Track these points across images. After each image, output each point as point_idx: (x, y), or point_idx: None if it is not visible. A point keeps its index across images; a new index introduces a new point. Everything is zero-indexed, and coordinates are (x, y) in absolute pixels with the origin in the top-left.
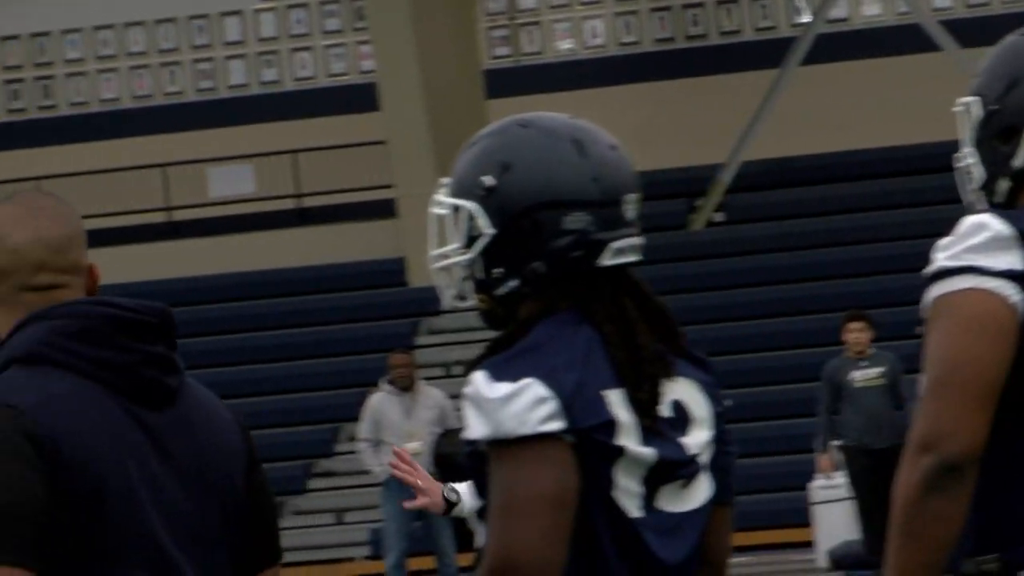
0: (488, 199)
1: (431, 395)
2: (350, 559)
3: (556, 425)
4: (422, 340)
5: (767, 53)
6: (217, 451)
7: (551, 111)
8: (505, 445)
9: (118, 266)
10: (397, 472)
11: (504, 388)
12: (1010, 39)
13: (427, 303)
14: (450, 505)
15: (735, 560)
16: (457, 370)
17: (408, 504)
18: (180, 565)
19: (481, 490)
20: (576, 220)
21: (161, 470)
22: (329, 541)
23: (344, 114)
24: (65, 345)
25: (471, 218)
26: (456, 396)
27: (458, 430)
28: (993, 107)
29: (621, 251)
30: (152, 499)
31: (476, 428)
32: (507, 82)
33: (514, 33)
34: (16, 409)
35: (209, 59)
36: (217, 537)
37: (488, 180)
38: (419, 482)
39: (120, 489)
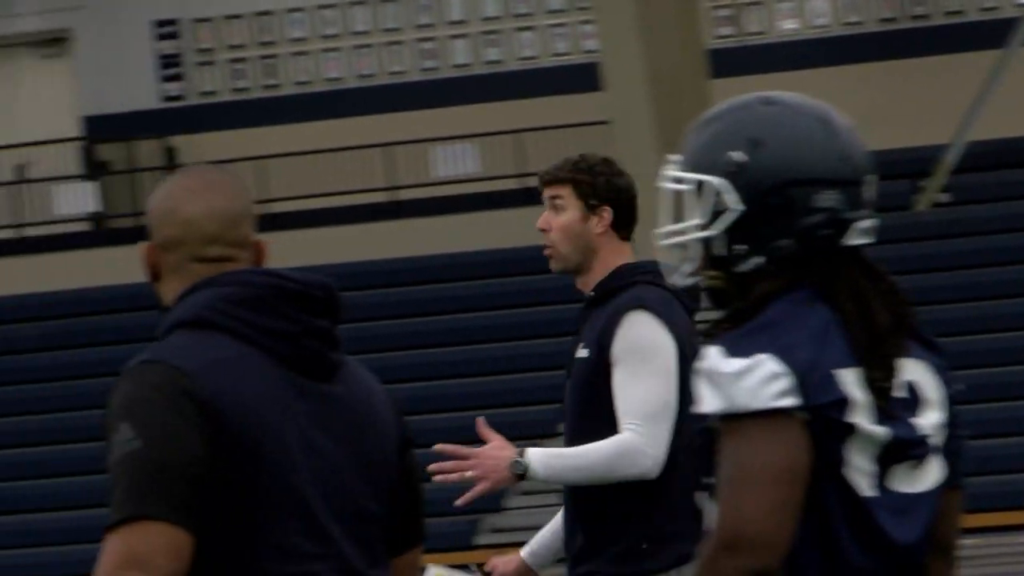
0: (737, 175)
1: None
2: None
3: (789, 401)
4: None
5: (991, 33)
6: (374, 428)
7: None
8: (738, 420)
9: (340, 246)
10: (438, 476)
11: (738, 363)
12: None
13: None
14: (519, 476)
15: (964, 542)
16: None
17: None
18: (333, 534)
19: (712, 469)
20: (827, 198)
21: (319, 439)
22: None
23: (567, 94)
24: (231, 311)
25: (717, 194)
26: None
27: None
28: None
29: (864, 231)
30: (308, 466)
31: (709, 402)
32: (730, 62)
33: (738, 13)
34: (181, 371)
35: (432, 38)
36: (373, 512)
37: (738, 156)
38: (468, 473)
39: (277, 455)
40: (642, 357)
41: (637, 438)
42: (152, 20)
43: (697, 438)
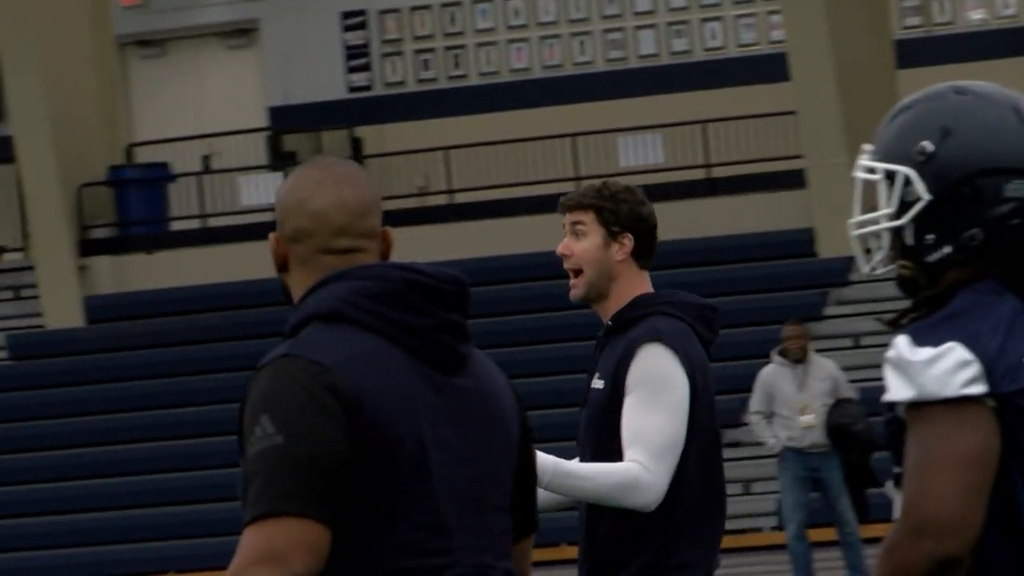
0: (926, 165)
1: (824, 366)
2: (757, 529)
3: (978, 389)
4: (831, 311)
5: None
6: (500, 421)
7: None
8: (927, 407)
9: (527, 236)
10: None
11: (927, 352)
12: None
13: (836, 274)
14: None
15: None
16: (867, 341)
17: None
18: (460, 528)
19: (899, 457)
20: (1017, 188)
21: (449, 434)
22: (737, 511)
23: (753, 84)
24: (366, 305)
25: (907, 183)
26: (865, 367)
27: (851, 401)
28: None
29: None
30: (439, 461)
31: (898, 391)
32: (918, 52)
33: (925, 4)
34: (322, 366)
35: (619, 29)
36: (499, 505)
37: (928, 145)
38: None
39: (410, 449)
40: (654, 389)
41: (645, 474)
42: (340, 11)
43: (884, 428)
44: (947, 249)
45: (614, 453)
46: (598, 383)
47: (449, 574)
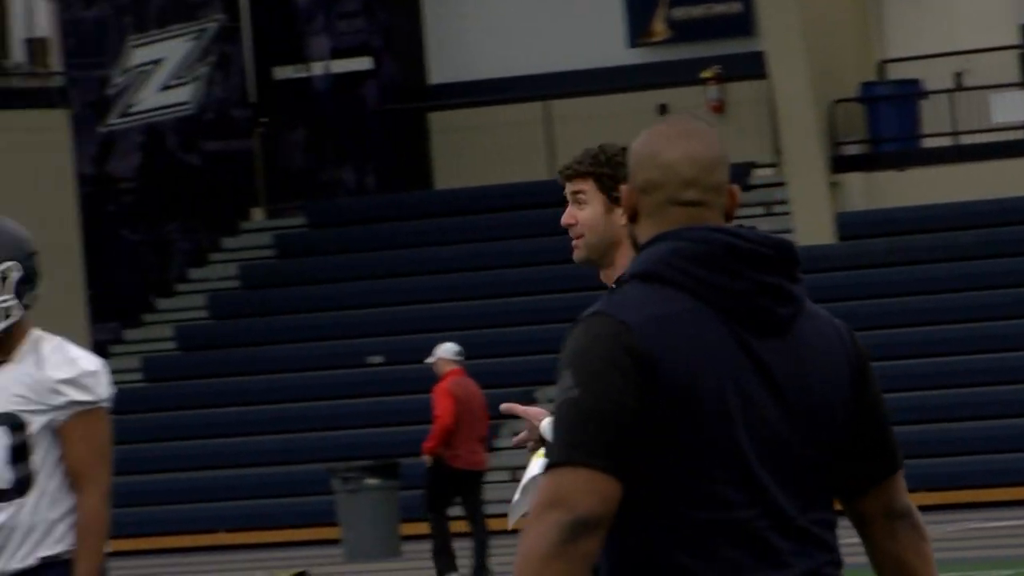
0: None
1: None
2: None
3: None
4: None
5: None
6: (823, 382)
7: None
8: None
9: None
10: (515, 439)
11: None
12: None
13: None
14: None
15: None
16: None
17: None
18: (764, 483)
19: None
20: None
21: (761, 395)
22: None
23: None
24: (682, 266)
25: None
26: None
27: None
28: None
29: None
30: (746, 421)
31: None
32: None
33: None
34: (624, 324)
35: None
36: (812, 463)
37: None
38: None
39: (714, 408)
40: None
41: None
42: None
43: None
44: None
45: None
46: None
47: (755, 527)
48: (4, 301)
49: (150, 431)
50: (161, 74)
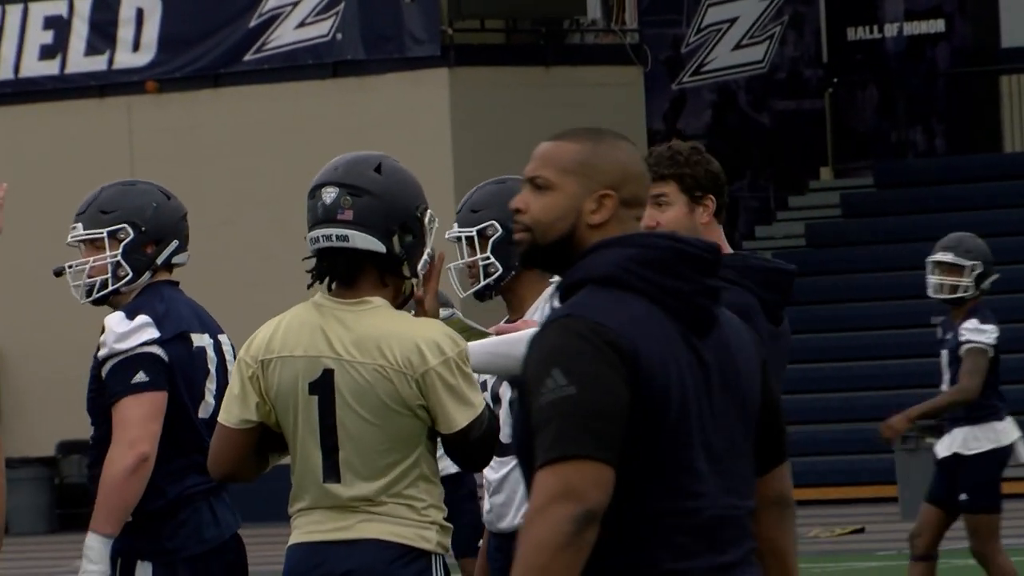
0: None
1: None
2: None
3: None
4: None
5: None
6: (745, 375)
7: None
8: None
9: None
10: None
11: None
12: None
13: None
14: None
15: None
16: None
17: None
18: (714, 475)
19: None
20: None
21: (708, 390)
22: None
23: None
24: (639, 272)
25: None
26: None
27: None
28: None
29: None
30: (700, 415)
31: None
32: None
33: None
34: (603, 325)
35: None
36: (743, 448)
37: None
38: None
39: (678, 405)
40: None
41: None
42: None
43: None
44: None
45: None
46: None
47: (704, 516)
48: None
49: None
50: (734, 33)
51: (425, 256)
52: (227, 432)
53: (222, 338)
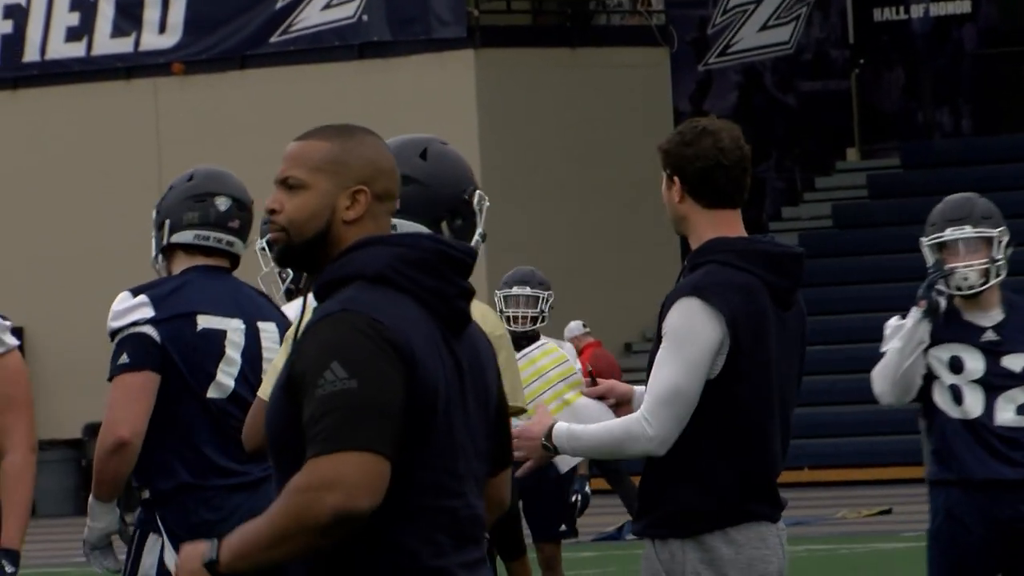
0: None
1: None
2: None
3: None
4: None
5: None
6: (488, 369)
7: None
8: None
9: None
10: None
11: None
12: None
13: None
14: (552, 452)
15: None
16: None
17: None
18: (467, 475)
19: None
20: None
21: (460, 390)
22: None
23: None
24: (407, 272)
25: None
26: None
27: None
28: None
29: None
30: (456, 414)
31: None
32: None
33: None
34: (380, 322)
35: None
36: (484, 450)
37: None
38: (516, 453)
39: (444, 405)
40: (673, 343)
41: (637, 425)
42: None
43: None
44: None
45: None
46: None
47: (461, 515)
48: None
49: None
50: (761, 14)
51: (476, 236)
52: (262, 406)
53: (264, 325)
